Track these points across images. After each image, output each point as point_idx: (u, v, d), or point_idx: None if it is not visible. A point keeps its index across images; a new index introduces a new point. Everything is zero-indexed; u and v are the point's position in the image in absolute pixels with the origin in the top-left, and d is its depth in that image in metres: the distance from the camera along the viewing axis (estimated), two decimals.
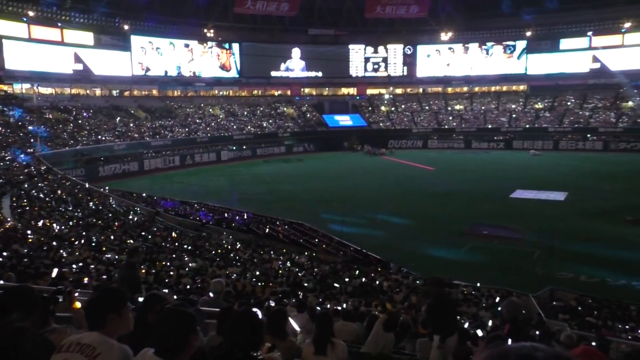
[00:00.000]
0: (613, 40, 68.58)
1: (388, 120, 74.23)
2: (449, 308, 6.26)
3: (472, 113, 73.69)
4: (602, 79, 69.58)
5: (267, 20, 74.57)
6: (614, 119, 64.18)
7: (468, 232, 26.88)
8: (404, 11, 75.90)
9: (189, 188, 42.12)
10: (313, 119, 73.56)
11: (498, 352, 1.09)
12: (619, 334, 12.36)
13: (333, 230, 26.14)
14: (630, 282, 19.26)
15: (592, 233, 25.60)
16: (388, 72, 79.52)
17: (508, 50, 75.51)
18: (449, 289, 16.94)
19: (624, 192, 35.67)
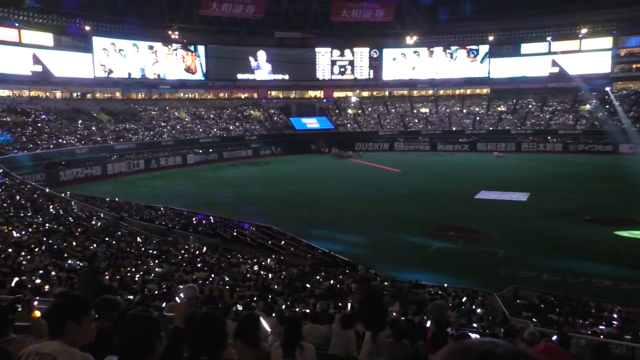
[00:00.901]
0: (571, 45, 70.83)
1: (355, 123, 74.70)
2: (378, 304, 6.39)
3: (438, 116, 74.86)
4: (561, 82, 71.78)
5: (233, 23, 74.07)
6: (572, 122, 66.21)
7: (434, 233, 27.24)
8: (369, 15, 76.62)
9: (154, 192, 41.41)
10: (280, 121, 73.41)
11: (459, 347, 1.10)
12: (579, 329, 12.73)
13: (301, 233, 26.09)
14: (589, 279, 19.85)
15: (553, 232, 26.31)
16: (354, 75, 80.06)
17: (471, 55, 77.06)
18: (416, 290, 17.17)
19: (583, 192, 36.80)
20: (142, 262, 17.10)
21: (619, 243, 24.70)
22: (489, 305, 15.89)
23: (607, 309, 15.59)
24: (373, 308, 6.25)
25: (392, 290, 16.94)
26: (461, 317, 13.39)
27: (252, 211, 32.50)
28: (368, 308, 6.27)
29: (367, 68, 79.98)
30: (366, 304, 6.36)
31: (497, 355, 1.05)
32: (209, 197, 38.60)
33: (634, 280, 19.41)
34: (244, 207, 34.28)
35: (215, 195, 39.16)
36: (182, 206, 33.25)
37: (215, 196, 38.86)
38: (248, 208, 33.80)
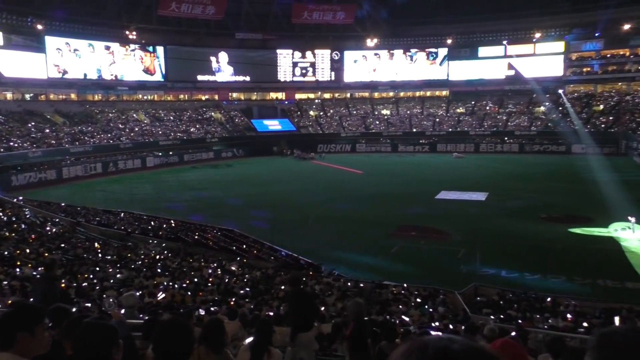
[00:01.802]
0: (526, 49, 73.04)
1: (317, 125, 74.87)
2: (305, 304, 6.45)
3: (398, 117, 75.83)
4: (516, 85, 73.88)
5: (193, 24, 73.12)
6: (527, 123, 68.24)
7: (396, 233, 27.55)
8: (330, 17, 77.03)
9: (112, 196, 40.42)
10: (242, 123, 72.85)
11: (416, 344, 1.11)
12: (536, 324, 13.10)
13: (264, 236, 25.95)
14: (545, 275, 20.47)
15: (511, 231, 27.02)
16: (316, 77, 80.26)
17: (431, 57, 78.43)
18: (379, 290, 17.31)
19: (539, 191, 37.94)
20: (101, 268, 16.65)
21: (573, 240, 25.57)
22: (451, 303, 16.17)
23: (562, 304, 16.11)
24: (300, 308, 6.28)
25: (356, 291, 17.02)
26: (423, 315, 13.58)
27: (214, 214, 32.12)
28: (295, 307, 6.30)
29: (328, 70, 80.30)
30: (293, 303, 6.40)
31: (453, 351, 1.06)
32: (170, 200, 37.92)
33: (586, 275, 20.13)
34: (205, 210, 33.84)
35: (176, 198, 38.51)
36: (142, 210, 32.56)
37: (177, 199, 38.22)
38: (210, 211, 33.38)
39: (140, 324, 5.17)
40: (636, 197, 32.52)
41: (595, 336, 1.33)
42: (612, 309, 15.14)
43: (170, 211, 32.73)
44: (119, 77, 68.13)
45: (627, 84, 68.16)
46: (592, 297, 17.61)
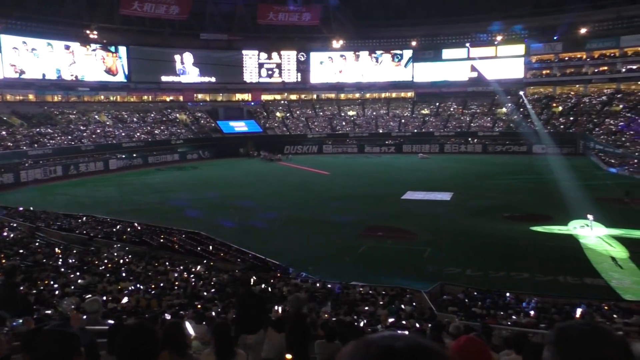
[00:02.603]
0: (488, 51, 74.68)
1: (283, 126, 74.72)
2: (253, 306, 6.47)
3: (364, 118, 76.39)
4: (479, 87, 75.41)
5: (157, 24, 71.98)
6: (490, 124, 69.74)
7: (363, 234, 27.71)
8: (296, 18, 77.09)
9: (74, 200, 39.37)
10: (207, 125, 72.08)
11: (360, 344, 1.11)
12: (500, 321, 13.39)
13: (231, 238, 25.72)
14: (508, 273, 20.93)
15: (475, 230, 27.53)
16: (282, 78, 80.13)
17: (396, 59, 79.33)
18: (347, 290, 17.37)
19: (502, 191, 38.80)
20: (62, 274, 16.18)
21: (535, 238, 26.24)
22: (417, 302, 16.36)
23: (525, 300, 16.51)
24: (248, 309, 6.28)
25: (323, 292, 17.04)
26: (391, 315, 13.69)
27: (179, 217, 31.66)
28: (242, 309, 6.29)
29: (294, 71, 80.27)
30: (242, 306, 6.39)
31: (396, 349, 1.06)
32: (134, 204, 37.17)
33: (547, 272, 20.68)
34: (171, 213, 33.33)
35: (141, 201, 37.78)
36: (105, 214, 31.83)
37: (141, 202, 37.50)
38: (176, 214, 32.89)
39: (104, 330, 5.04)
40: (593, 196, 33.65)
41: (553, 331, 1.36)
42: (572, 304, 15.61)
43: (135, 214, 32.09)
44: (79, 77, 66.45)
45: (584, 86, 70.48)
46: (553, 293, 18.10)
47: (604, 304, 15.77)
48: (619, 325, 12.27)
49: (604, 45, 68.38)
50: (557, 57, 72.08)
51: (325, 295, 16.70)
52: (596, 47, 68.90)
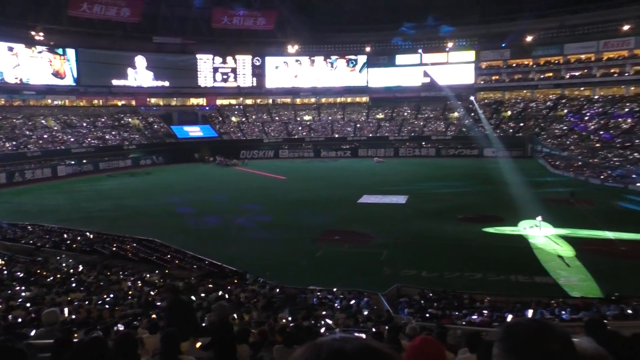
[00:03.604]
0: (439, 57, 76.47)
1: (239, 131, 74.15)
2: (184, 312, 6.47)
3: (320, 123, 76.73)
4: (432, 92, 77.11)
5: (107, 26, 70.05)
6: (443, 128, 71.37)
7: (320, 238, 27.78)
8: (251, 23, 76.75)
9: (19, 208, 37.76)
10: (161, 130, 70.68)
11: (311, 347, 1.11)
12: (455, 321, 13.69)
13: (186, 245, 25.26)
14: (463, 273, 21.42)
15: (430, 232, 28.06)
16: (237, 82, 79.53)
17: (351, 64, 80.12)
18: (305, 295, 17.37)
19: (455, 193, 39.73)
20: (6, 286, 15.48)
21: (487, 238, 26.98)
22: (375, 305, 16.50)
23: (478, 300, 16.95)
24: (180, 316, 6.24)
25: (281, 297, 16.97)
26: (349, 318, 13.76)
27: (133, 224, 30.87)
28: (174, 316, 6.24)
29: (250, 76, 79.83)
30: (172, 312, 6.34)
31: (346, 351, 1.07)
32: (85, 211, 35.97)
33: (500, 272, 21.30)
34: (124, 220, 32.46)
35: (92, 209, 36.60)
36: (54, 222, 30.67)
37: (92, 210, 36.33)
38: (129, 221, 32.06)
39: (50, 344, 4.85)
40: (541, 197, 34.92)
41: (501, 328, 1.41)
42: (523, 303, 16.12)
43: (85, 222, 31.06)
44: (24, 80, 63.84)
45: (531, 91, 73.15)
46: (505, 292, 18.64)
47: (553, 302, 16.36)
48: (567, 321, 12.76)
49: (549, 52, 71.28)
50: (506, 64, 74.58)
51: (283, 300, 16.64)
52: (542, 54, 71.72)
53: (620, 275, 20.74)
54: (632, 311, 14.23)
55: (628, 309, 14.52)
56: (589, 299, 17.17)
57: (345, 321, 13.20)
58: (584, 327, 3.31)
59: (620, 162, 48.90)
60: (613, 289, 17.90)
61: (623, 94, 64.97)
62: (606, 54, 67.06)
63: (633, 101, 61.99)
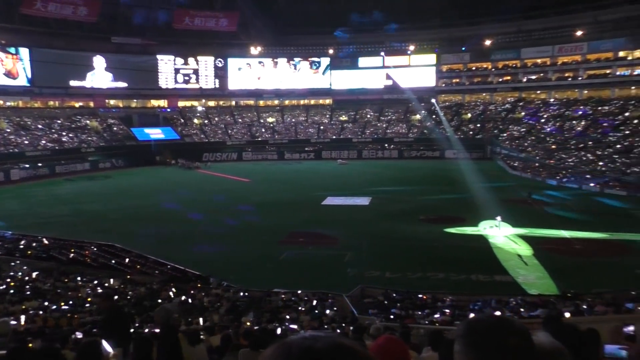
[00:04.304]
0: (401, 60, 77.49)
1: (202, 133, 73.26)
2: (120, 320, 6.42)
3: (284, 125, 76.62)
4: (394, 94, 78.02)
5: (64, 25, 67.98)
6: (405, 130, 72.33)
7: (285, 240, 27.72)
8: (213, 24, 75.99)
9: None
10: (121, 132, 69.13)
11: (281, 346, 1.11)
12: (418, 320, 13.87)
13: (148, 249, 24.76)
14: (425, 274, 21.74)
15: (393, 233, 28.38)
16: (200, 84, 78.52)
17: (314, 66, 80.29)
18: (269, 298, 17.28)
19: (417, 194, 40.27)
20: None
21: (448, 239, 27.47)
22: (339, 307, 16.57)
23: (441, 299, 17.23)
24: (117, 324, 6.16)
25: (246, 300, 16.84)
26: (314, 320, 13.76)
27: (92, 229, 30.05)
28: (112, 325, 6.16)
29: (212, 77, 78.96)
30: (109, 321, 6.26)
31: (317, 349, 1.07)
32: (41, 217, 34.79)
33: (461, 271, 21.71)
34: (82, 225, 31.57)
35: (48, 214, 35.43)
36: (7, 228, 29.56)
37: (49, 215, 35.17)
38: (88, 226, 31.20)
39: (2, 355, 4.66)
40: (501, 198, 35.79)
41: (462, 324, 1.44)
42: (484, 301, 16.48)
43: (41, 228, 30.04)
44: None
45: (490, 94, 74.97)
46: (467, 291, 19.03)
47: (512, 299, 16.79)
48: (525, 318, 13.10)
49: (507, 56, 73.23)
50: (466, 67, 76.22)
51: (247, 303, 16.52)
52: (500, 58, 73.61)
53: (575, 272, 21.46)
54: (586, 307, 14.74)
55: (583, 305, 15.04)
56: (546, 296, 17.71)
57: (310, 323, 13.20)
58: (542, 322, 3.41)
59: (575, 163, 50.66)
60: (569, 286, 18.52)
61: (577, 97, 67.31)
62: (561, 58, 69.40)
63: (586, 104, 64.30)
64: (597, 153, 51.30)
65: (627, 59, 63.84)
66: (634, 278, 20.19)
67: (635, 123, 55.17)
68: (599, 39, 65.64)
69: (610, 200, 37.90)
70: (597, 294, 16.87)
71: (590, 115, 61.16)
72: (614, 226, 28.92)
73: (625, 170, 45.20)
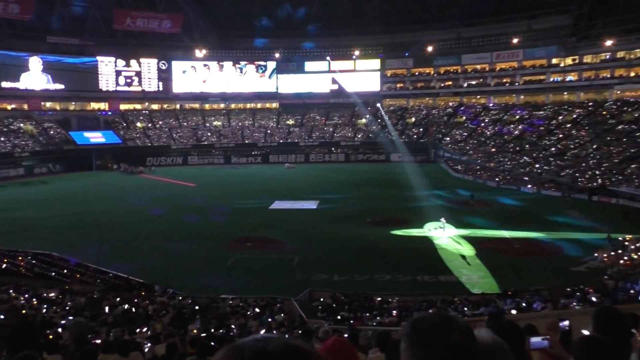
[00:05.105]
0: (347, 65, 78.34)
1: (145, 137, 71.33)
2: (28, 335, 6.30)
3: (230, 129, 75.78)
4: (340, 98, 78.77)
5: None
6: (351, 134, 73.16)
7: (232, 245, 27.40)
8: (156, 25, 74.20)
9: None
10: (58, 136, 66.25)
11: (232, 349, 1.10)
12: (366, 322, 14.03)
13: (88, 258, 23.79)
14: (372, 276, 22.03)
15: (341, 236, 28.59)
16: (142, 87, 76.40)
17: (260, 70, 79.87)
18: (216, 304, 17.02)
19: (364, 197, 40.76)
20: None
21: (395, 241, 27.97)
22: (288, 311, 16.53)
23: (387, 301, 17.50)
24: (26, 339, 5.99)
25: (192, 308, 16.51)
26: (262, 325, 13.67)
27: (27, 237, 28.60)
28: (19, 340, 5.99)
29: (155, 80, 77.00)
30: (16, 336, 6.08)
31: (269, 351, 1.07)
32: None
33: (407, 273, 22.14)
34: (16, 233, 30.00)
35: None
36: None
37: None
38: (23, 234, 29.68)
39: None
40: (444, 200, 36.82)
41: (407, 323, 1.47)
42: (429, 301, 16.86)
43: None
44: None
45: (432, 99, 76.96)
46: (413, 292, 19.42)
47: (456, 299, 17.28)
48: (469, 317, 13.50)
49: (448, 62, 75.48)
50: (409, 72, 77.94)
51: (194, 311, 16.20)
52: (442, 64, 75.76)
53: (515, 271, 22.35)
54: (525, 304, 15.37)
55: (522, 302, 15.68)
56: (488, 295, 18.33)
57: (259, 328, 13.10)
58: (486, 320, 3.52)
59: (513, 166, 52.80)
60: (509, 284, 19.26)
61: (514, 102, 70.21)
62: (499, 64, 72.17)
63: (523, 109, 67.16)
64: (534, 156, 53.67)
65: (559, 66, 67.19)
66: (569, 275, 21.24)
67: (568, 127, 58.12)
68: (533, 46, 68.80)
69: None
70: (535, 291, 17.62)
71: (527, 119, 63.91)
72: (550, 226, 30.34)
73: (559, 172, 47.51)
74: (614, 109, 57.69)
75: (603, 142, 50.77)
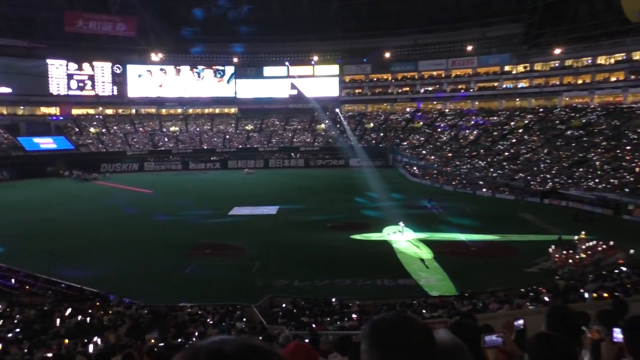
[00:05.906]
0: (306, 70, 78.58)
1: (99, 143, 69.42)
2: None
3: (188, 134, 74.67)
4: (300, 104, 78.89)
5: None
6: (311, 139, 73.34)
7: (191, 252, 26.96)
8: (110, 28, 72.44)
9: None
10: (5, 142, 63.60)
11: (189, 350, 1.09)
12: (327, 327, 14.03)
13: (39, 268, 22.86)
14: (333, 280, 22.07)
15: (301, 241, 28.56)
16: (96, 91, 74.37)
17: (218, 75, 79.11)
18: (175, 313, 16.67)
19: (323, 202, 40.87)
20: None
21: (354, 245, 28.15)
22: (248, 317, 16.36)
23: (348, 305, 17.57)
24: None
25: (150, 317, 16.12)
26: (222, 333, 13.47)
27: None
28: None
29: (110, 84, 75.12)
30: None
31: (225, 352, 1.06)
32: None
33: (367, 277, 22.30)
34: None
35: None
36: None
37: None
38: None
39: None
40: (403, 204, 37.35)
41: (367, 324, 1.47)
42: (389, 305, 17.03)
43: None
44: None
45: (390, 104, 78.08)
46: (373, 296, 19.58)
47: (415, 302, 17.51)
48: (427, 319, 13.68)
49: (405, 68, 76.78)
50: (367, 78, 78.87)
51: (151, 320, 15.83)
52: (399, 70, 76.99)
53: (471, 273, 22.84)
54: (482, 305, 15.73)
55: (479, 304, 16.04)
56: (446, 297, 18.68)
57: (218, 336, 12.88)
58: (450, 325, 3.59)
59: (469, 170, 54.08)
60: (466, 286, 19.69)
61: (470, 108, 71.99)
62: (454, 71, 73.93)
63: (478, 115, 68.93)
64: (488, 160, 55.13)
65: (512, 73, 69.39)
66: (523, 276, 21.87)
67: (520, 132, 60.01)
68: (487, 53, 70.84)
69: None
70: (491, 293, 18.07)
71: (482, 124, 65.63)
72: (504, 228, 31.20)
73: (513, 176, 48.97)
74: (563, 115, 59.97)
75: (553, 147, 52.66)
